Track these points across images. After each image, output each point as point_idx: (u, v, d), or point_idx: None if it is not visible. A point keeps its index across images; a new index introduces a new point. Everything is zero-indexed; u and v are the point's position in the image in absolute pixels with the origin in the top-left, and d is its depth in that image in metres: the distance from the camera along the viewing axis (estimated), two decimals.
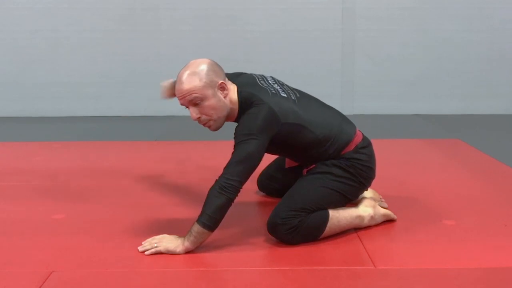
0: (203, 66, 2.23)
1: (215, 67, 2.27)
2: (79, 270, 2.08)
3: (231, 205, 2.18)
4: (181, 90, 2.22)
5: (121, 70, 5.96)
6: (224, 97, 2.27)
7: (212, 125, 2.30)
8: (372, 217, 2.45)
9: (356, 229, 2.44)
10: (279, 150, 2.47)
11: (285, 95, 2.36)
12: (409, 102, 6.02)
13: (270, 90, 2.34)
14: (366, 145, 2.46)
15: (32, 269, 2.08)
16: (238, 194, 2.19)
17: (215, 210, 2.14)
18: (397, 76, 5.98)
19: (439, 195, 2.95)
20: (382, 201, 2.68)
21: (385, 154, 3.89)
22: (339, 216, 2.35)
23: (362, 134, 2.51)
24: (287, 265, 2.11)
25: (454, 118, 5.73)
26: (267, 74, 2.59)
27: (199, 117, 2.26)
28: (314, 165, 2.42)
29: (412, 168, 3.55)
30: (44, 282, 1.97)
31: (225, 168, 2.19)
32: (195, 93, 2.21)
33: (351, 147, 2.40)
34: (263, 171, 2.93)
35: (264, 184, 2.93)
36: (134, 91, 5.99)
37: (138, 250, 2.21)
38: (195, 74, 2.21)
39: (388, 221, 2.54)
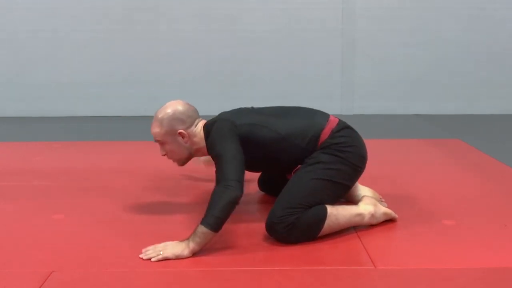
0: (167, 114, 2.47)
1: (181, 114, 2.48)
2: (79, 270, 2.08)
3: (236, 204, 2.18)
4: (151, 131, 2.52)
5: (121, 70, 5.96)
6: (186, 142, 2.48)
7: (176, 163, 2.60)
8: (372, 215, 2.44)
9: (356, 228, 2.44)
10: (256, 161, 2.45)
11: (238, 108, 2.61)
12: (409, 102, 6.02)
13: (226, 112, 2.58)
14: (341, 128, 2.44)
15: (32, 269, 2.08)
16: (241, 195, 2.19)
17: (219, 210, 2.14)
18: (397, 76, 5.98)
19: (439, 195, 2.95)
20: (382, 201, 2.68)
21: (385, 154, 3.90)
22: (338, 213, 2.33)
23: (339, 120, 2.50)
24: (287, 265, 2.11)
25: (454, 118, 5.73)
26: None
27: (164, 154, 2.56)
28: (299, 166, 2.41)
29: (413, 168, 3.55)
30: (44, 282, 1.97)
31: (218, 177, 2.22)
32: (157, 138, 2.51)
33: (326, 134, 2.39)
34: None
35: (265, 183, 2.94)
36: (134, 91, 5.99)
37: (141, 258, 2.15)
38: (159, 120, 2.48)
39: (388, 220, 2.54)
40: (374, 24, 5.91)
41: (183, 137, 2.48)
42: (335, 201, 2.42)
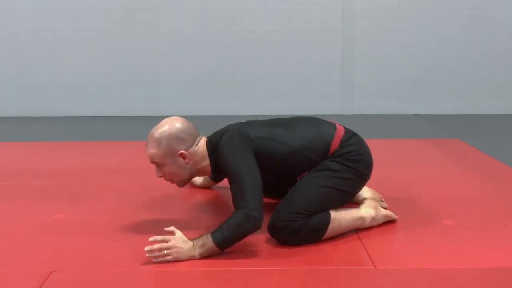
0: (165, 133, 2.29)
1: (180, 132, 2.31)
2: (79, 270, 2.08)
3: (252, 233, 2.16)
4: (146, 151, 2.34)
5: (121, 70, 5.96)
6: (187, 163, 2.33)
7: (176, 184, 2.42)
8: (373, 218, 2.44)
9: (356, 229, 2.44)
10: (265, 173, 2.32)
11: (245, 121, 2.47)
12: (409, 102, 6.02)
13: (233, 124, 2.46)
14: (350, 136, 2.42)
15: (32, 269, 2.08)
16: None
17: (233, 235, 2.12)
18: (397, 76, 5.98)
19: (439, 195, 2.95)
20: (382, 201, 2.68)
21: (385, 154, 3.89)
22: (341, 218, 2.33)
23: (344, 127, 2.48)
24: (287, 265, 2.11)
25: (454, 118, 5.73)
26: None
27: (161, 176, 2.37)
28: (306, 172, 2.38)
29: (412, 168, 3.55)
30: (44, 282, 1.97)
31: (238, 200, 2.15)
32: (154, 159, 2.31)
33: (336, 144, 2.37)
34: None
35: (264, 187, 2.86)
36: (134, 91, 5.99)
37: (145, 250, 2.10)
38: (156, 141, 2.29)
39: (389, 221, 2.54)
40: (374, 24, 5.90)
41: (184, 158, 2.31)
42: (339, 206, 2.41)
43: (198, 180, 3.09)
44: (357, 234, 2.40)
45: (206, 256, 2.14)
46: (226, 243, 2.13)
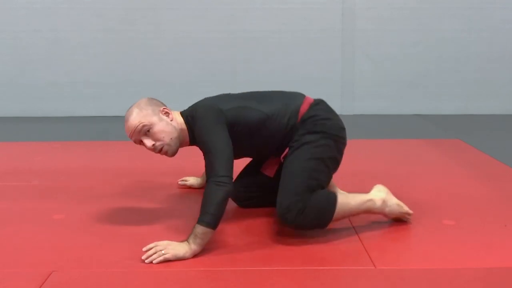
0: (142, 103, 2.44)
1: (153, 100, 2.48)
2: (79, 270, 2.08)
3: (228, 198, 2.21)
4: (129, 126, 2.39)
5: (121, 70, 5.96)
6: (171, 120, 2.43)
7: (168, 149, 2.42)
8: (384, 201, 2.43)
9: (356, 228, 2.44)
10: (245, 145, 2.46)
11: (217, 95, 2.58)
12: (409, 102, 6.02)
13: (205, 98, 2.57)
14: (318, 102, 2.54)
15: (32, 269, 2.09)
16: (233, 189, 2.23)
17: (215, 207, 2.16)
18: (397, 76, 5.98)
19: (439, 195, 2.95)
20: None
21: (385, 154, 3.90)
22: (348, 198, 2.38)
23: (314, 99, 2.58)
24: (287, 265, 2.11)
25: (454, 118, 5.73)
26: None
27: (153, 144, 2.39)
28: (287, 149, 2.45)
29: (412, 168, 3.55)
30: (44, 282, 1.97)
31: (208, 171, 2.24)
32: (142, 123, 2.37)
33: (305, 108, 2.47)
34: (236, 181, 2.52)
35: (242, 195, 2.73)
36: (134, 91, 5.98)
37: (142, 258, 2.12)
38: (136, 111, 2.40)
39: (389, 221, 2.54)
40: (374, 24, 5.90)
41: (167, 115, 2.44)
42: (331, 177, 2.49)
43: (195, 181, 3.11)
44: (357, 234, 2.40)
45: (203, 243, 2.17)
46: (212, 218, 2.16)
